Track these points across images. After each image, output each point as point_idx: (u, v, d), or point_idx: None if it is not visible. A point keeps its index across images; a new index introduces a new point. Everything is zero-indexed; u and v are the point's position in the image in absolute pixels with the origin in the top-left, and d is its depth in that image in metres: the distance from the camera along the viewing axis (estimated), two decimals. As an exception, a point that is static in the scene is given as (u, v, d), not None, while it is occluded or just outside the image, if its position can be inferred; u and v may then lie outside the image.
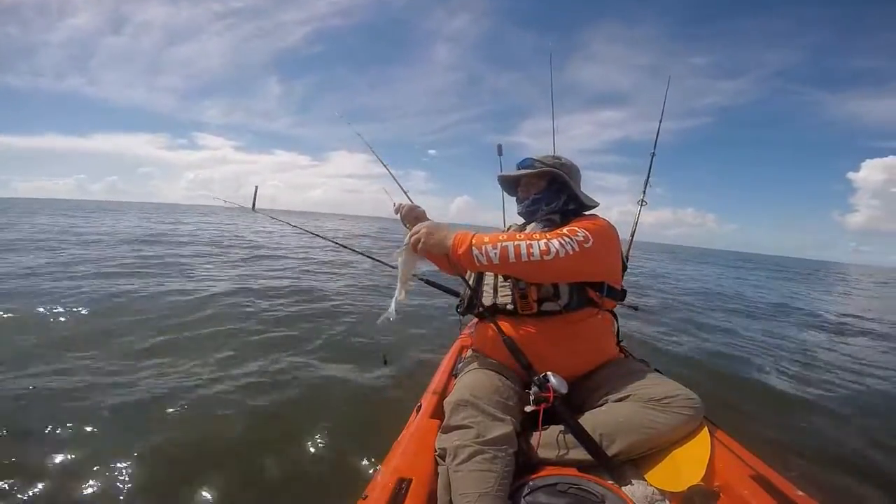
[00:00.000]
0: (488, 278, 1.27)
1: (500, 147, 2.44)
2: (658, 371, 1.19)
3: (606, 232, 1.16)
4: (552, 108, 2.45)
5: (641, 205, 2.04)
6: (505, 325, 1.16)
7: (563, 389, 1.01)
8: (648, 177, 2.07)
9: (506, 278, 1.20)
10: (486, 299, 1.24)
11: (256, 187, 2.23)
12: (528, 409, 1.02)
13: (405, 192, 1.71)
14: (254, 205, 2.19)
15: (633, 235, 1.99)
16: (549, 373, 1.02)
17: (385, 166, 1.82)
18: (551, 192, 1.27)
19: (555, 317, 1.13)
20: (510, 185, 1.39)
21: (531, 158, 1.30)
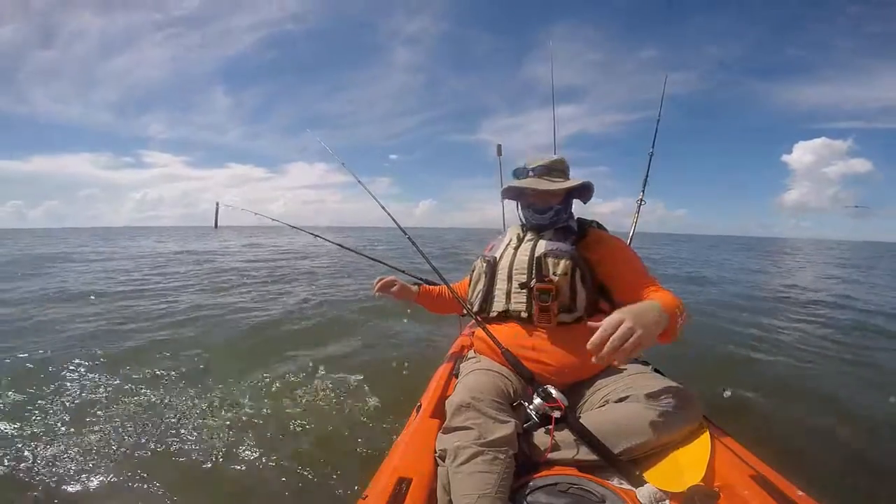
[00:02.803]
0: (500, 283, 1.24)
1: (499, 147, 2.43)
2: (658, 371, 1.19)
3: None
4: (553, 103, 2.44)
5: (641, 204, 2.04)
6: (517, 331, 1.16)
7: (566, 402, 1.00)
8: (647, 176, 2.07)
9: (522, 286, 1.18)
10: (498, 304, 1.23)
11: (218, 204, 2.07)
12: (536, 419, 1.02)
13: (377, 200, 1.67)
14: (216, 223, 2.10)
15: (632, 237, 1.99)
16: (548, 386, 1.02)
17: (359, 181, 1.80)
18: (568, 200, 1.29)
19: (568, 326, 1.14)
20: (516, 191, 1.34)
21: (542, 166, 1.25)
